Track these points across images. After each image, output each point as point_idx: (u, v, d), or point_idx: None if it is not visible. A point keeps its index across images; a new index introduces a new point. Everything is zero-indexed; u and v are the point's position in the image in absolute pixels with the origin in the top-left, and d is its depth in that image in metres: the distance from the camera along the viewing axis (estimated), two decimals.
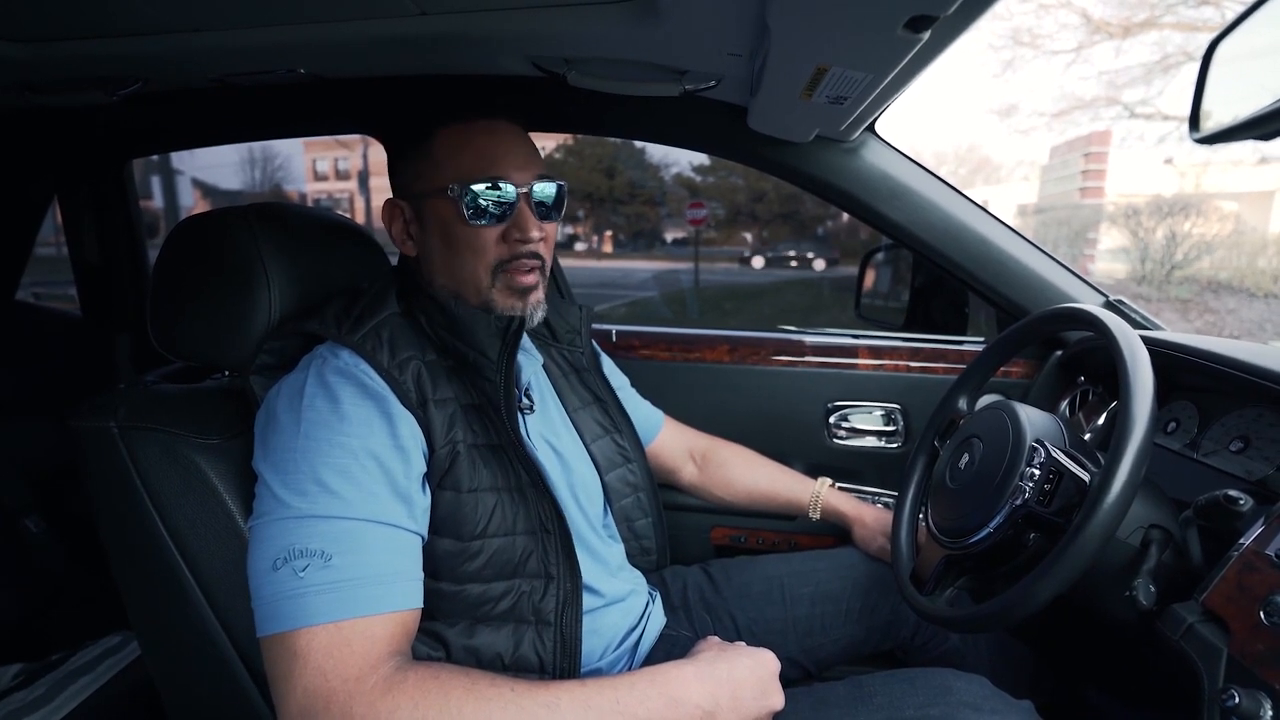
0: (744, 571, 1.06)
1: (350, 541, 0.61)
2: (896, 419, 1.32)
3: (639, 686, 0.63)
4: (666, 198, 21.70)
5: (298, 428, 0.65)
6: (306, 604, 0.58)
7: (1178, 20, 11.62)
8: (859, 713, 0.73)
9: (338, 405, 0.67)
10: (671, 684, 0.64)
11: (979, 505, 0.75)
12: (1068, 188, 26.61)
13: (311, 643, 0.58)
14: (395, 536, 0.65)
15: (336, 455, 0.64)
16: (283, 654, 0.58)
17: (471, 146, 0.78)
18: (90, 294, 1.65)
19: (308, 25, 0.84)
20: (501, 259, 0.79)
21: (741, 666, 0.69)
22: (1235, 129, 0.67)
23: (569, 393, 0.97)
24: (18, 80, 1.00)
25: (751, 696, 0.67)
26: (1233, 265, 10.72)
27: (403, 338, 0.75)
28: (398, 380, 0.71)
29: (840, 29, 0.66)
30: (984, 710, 0.70)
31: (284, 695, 0.58)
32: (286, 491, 0.63)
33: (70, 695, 1.23)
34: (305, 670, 0.57)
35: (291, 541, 0.60)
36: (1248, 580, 0.63)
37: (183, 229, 0.81)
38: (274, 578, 0.60)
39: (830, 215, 17.86)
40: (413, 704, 0.55)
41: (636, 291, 12.95)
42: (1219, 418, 0.89)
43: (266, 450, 0.67)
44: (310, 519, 0.61)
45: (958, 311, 1.36)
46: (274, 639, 0.59)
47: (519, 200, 0.78)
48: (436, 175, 0.78)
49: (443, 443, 0.72)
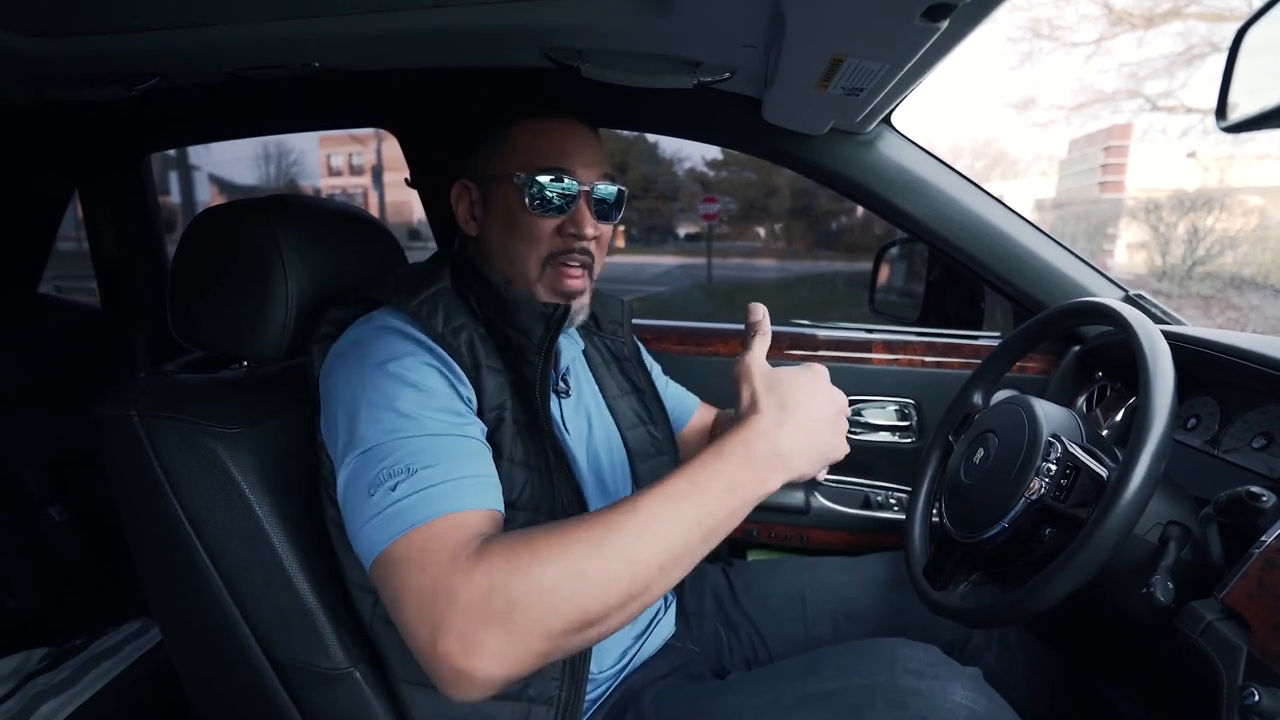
0: (765, 579, 1.04)
1: (430, 454, 0.62)
2: (910, 414, 1.31)
3: (708, 460, 0.60)
4: (679, 192, 21.66)
5: (363, 368, 0.68)
6: (397, 516, 0.59)
7: (1203, 9, 11.40)
8: (809, 683, 0.74)
9: (393, 346, 0.69)
10: (743, 445, 0.61)
11: (994, 500, 0.75)
12: (1087, 182, 26.26)
13: (409, 548, 0.58)
14: (470, 447, 0.66)
15: (401, 387, 0.66)
16: (390, 570, 0.58)
17: (544, 139, 0.81)
18: (110, 287, 1.68)
19: (322, 19, 0.85)
20: (554, 251, 0.82)
21: (813, 408, 0.64)
22: (1263, 117, 0.66)
23: (608, 380, 0.98)
24: (37, 75, 1.01)
25: (824, 441, 0.65)
26: (1257, 261, 10.52)
27: (456, 308, 0.77)
28: (451, 345, 0.72)
29: (857, 18, 0.66)
30: (927, 676, 0.70)
31: (400, 608, 0.57)
32: (366, 426, 0.64)
33: (93, 679, 1.26)
34: (409, 573, 0.57)
35: (380, 467, 0.62)
36: (1269, 578, 0.62)
37: (201, 221, 0.82)
38: (369, 501, 0.61)
39: (845, 210, 17.73)
40: (505, 559, 0.55)
41: (649, 286, 12.95)
42: (1241, 414, 0.88)
43: (334, 398, 0.69)
44: (393, 443, 0.63)
45: (973, 306, 1.34)
46: (379, 560, 0.59)
47: (579, 196, 0.81)
48: (507, 162, 0.81)
49: (492, 406, 0.73)
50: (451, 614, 0.53)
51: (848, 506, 1.31)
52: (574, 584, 0.54)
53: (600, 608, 0.55)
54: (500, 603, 0.53)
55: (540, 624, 0.53)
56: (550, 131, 0.82)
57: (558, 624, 0.54)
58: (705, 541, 0.59)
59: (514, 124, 0.83)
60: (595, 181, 0.82)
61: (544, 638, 0.54)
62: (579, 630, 0.55)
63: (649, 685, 0.83)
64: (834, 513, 1.31)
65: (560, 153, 0.81)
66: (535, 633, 0.53)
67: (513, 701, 0.72)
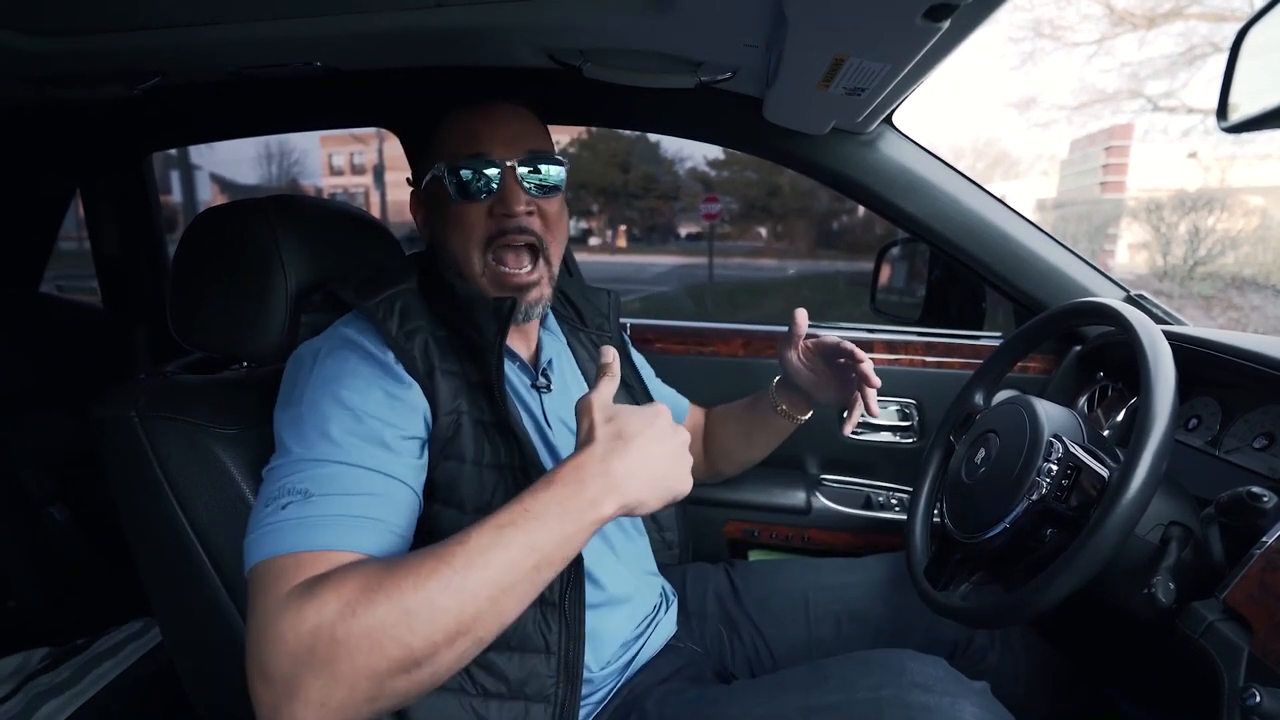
0: (768, 580, 1.04)
1: (335, 482, 0.62)
2: (911, 414, 1.31)
3: (538, 490, 0.60)
4: (680, 192, 21.65)
5: (307, 383, 0.69)
6: (276, 536, 0.59)
7: (1204, 10, 11.38)
8: (813, 694, 0.73)
9: (344, 364, 0.70)
10: (574, 471, 0.61)
11: (995, 500, 0.75)
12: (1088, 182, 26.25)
13: (267, 573, 0.58)
14: (382, 484, 0.65)
15: (338, 410, 0.67)
16: (250, 586, 0.59)
17: (459, 127, 0.82)
18: (111, 286, 1.68)
19: (324, 18, 0.85)
20: (489, 234, 0.81)
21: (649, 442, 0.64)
22: (1264, 118, 0.66)
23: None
24: (39, 74, 1.01)
25: (661, 471, 0.64)
26: (1258, 261, 10.50)
27: (414, 310, 0.78)
28: (403, 348, 0.73)
29: (859, 19, 0.66)
30: (935, 691, 0.69)
31: (246, 632, 0.57)
32: (292, 440, 0.66)
33: (94, 679, 1.26)
34: (256, 599, 0.57)
35: (285, 482, 0.63)
36: (1270, 578, 0.62)
37: (202, 221, 0.82)
38: (261, 514, 0.61)
39: (846, 210, 17.73)
40: (335, 598, 0.54)
41: (650, 286, 12.95)
42: (1242, 414, 0.87)
43: (280, 404, 0.71)
44: (305, 462, 0.64)
45: (974, 306, 1.34)
46: (250, 574, 0.60)
47: (504, 174, 0.79)
48: (433, 159, 0.82)
49: (447, 411, 0.74)
50: (275, 657, 0.53)
51: (849, 507, 1.31)
52: (399, 621, 0.53)
53: (425, 645, 0.54)
54: (324, 645, 0.52)
55: (365, 666, 0.52)
56: (470, 118, 0.82)
57: (382, 664, 0.53)
58: (538, 570, 0.58)
59: (440, 122, 0.83)
60: (519, 157, 0.80)
61: (368, 679, 0.53)
62: (405, 671, 0.54)
63: (652, 689, 0.83)
64: (835, 513, 1.31)
65: (474, 137, 0.80)
66: (359, 674, 0.53)
67: (509, 700, 0.72)
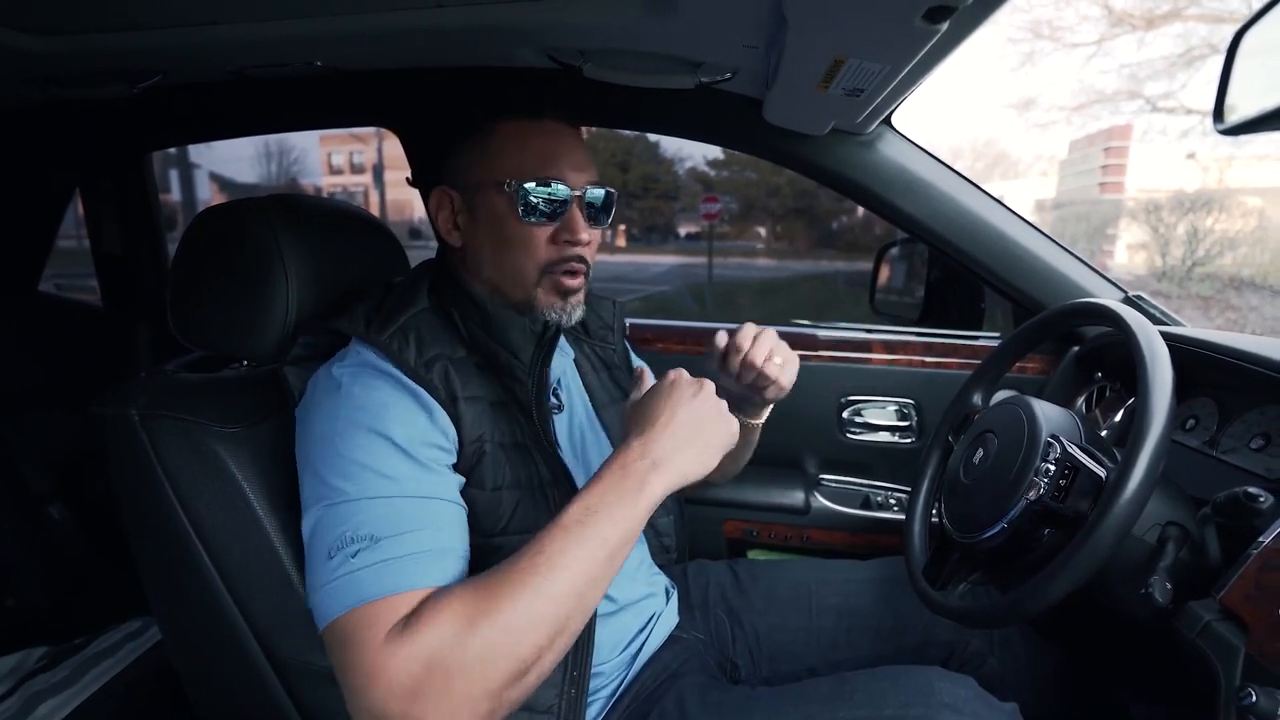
0: (771, 574, 1.04)
1: (395, 521, 0.62)
2: (910, 414, 1.31)
3: (592, 487, 0.64)
4: (680, 192, 21.65)
5: (336, 414, 0.67)
6: (357, 586, 0.59)
7: (1202, 11, 11.41)
8: (839, 709, 0.73)
9: (372, 394, 0.68)
10: (619, 465, 0.66)
11: (993, 500, 0.75)
12: (1087, 183, 26.28)
13: (357, 624, 0.58)
14: (441, 511, 0.66)
15: (375, 439, 0.65)
16: (337, 640, 0.59)
17: (531, 144, 0.78)
18: (111, 285, 1.68)
19: (324, 17, 0.85)
20: (550, 260, 0.79)
21: (676, 413, 0.69)
22: (1261, 120, 0.66)
23: (598, 389, 0.96)
24: (40, 73, 1.01)
25: (701, 433, 0.69)
26: (1256, 262, 10.50)
27: (430, 334, 0.75)
28: (424, 378, 0.71)
29: (858, 20, 0.66)
30: (965, 713, 0.69)
31: (346, 682, 0.58)
32: (337, 478, 0.64)
33: (93, 678, 1.26)
34: (351, 650, 0.57)
35: (344, 528, 0.62)
36: (1267, 579, 0.62)
37: (202, 220, 0.82)
38: (330, 565, 0.61)
39: (845, 210, 17.74)
40: (436, 633, 0.56)
41: (650, 286, 12.95)
42: (1240, 414, 0.88)
43: (310, 438, 0.68)
44: (361, 502, 0.63)
45: (973, 306, 1.34)
46: (330, 628, 0.60)
47: (572, 202, 0.78)
48: (493, 168, 0.77)
49: (472, 439, 0.73)
50: (392, 700, 0.54)
51: (847, 506, 1.32)
52: (505, 638, 0.56)
53: (532, 652, 0.57)
54: (439, 678, 0.54)
55: (481, 687, 0.55)
56: (535, 134, 0.78)
57: (497, 681, 0.56)
58: (611, 560, 0.62)
59: (494, 126, 0.78)
60: (586, 186, 0.79)
61: (487, 698, 0.55)
62: (518, 679, 0.57)
63: (663, 684, 0.83)
64: (834, 513, 1.31)
65: (549, 158, 0.77)
66: (478, 695, 0.55)
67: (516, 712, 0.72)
